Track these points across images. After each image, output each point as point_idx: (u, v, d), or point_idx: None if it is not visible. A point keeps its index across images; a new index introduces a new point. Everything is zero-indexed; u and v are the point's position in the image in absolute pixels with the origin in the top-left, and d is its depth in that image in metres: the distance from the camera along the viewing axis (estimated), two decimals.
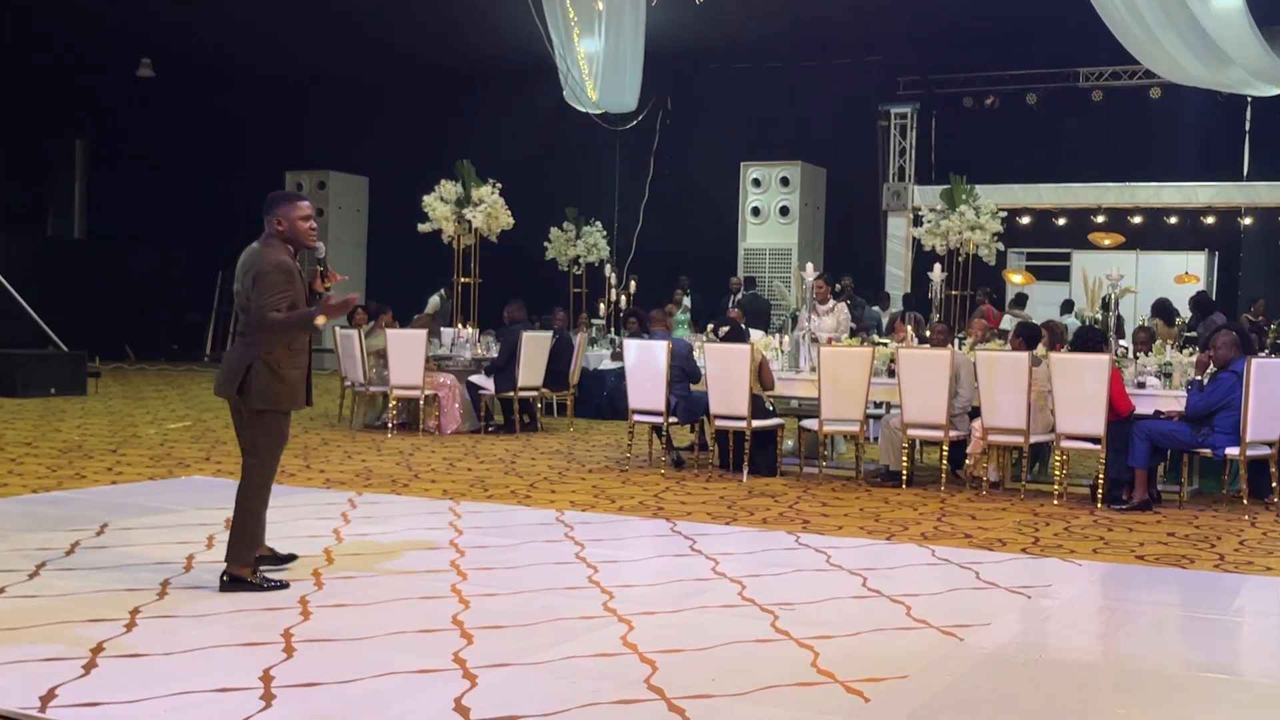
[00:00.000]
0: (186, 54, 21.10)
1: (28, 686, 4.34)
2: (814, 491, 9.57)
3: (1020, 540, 7.76)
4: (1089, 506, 9.14)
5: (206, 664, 4.68)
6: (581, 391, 14.43)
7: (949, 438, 9.71)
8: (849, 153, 20.71)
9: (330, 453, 11.12)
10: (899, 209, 19.63)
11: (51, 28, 19.65)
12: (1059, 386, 9.19)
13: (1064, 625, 5.86)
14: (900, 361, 9.82)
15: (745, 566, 6.70)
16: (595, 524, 7.93)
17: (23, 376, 15.51)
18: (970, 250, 13.15)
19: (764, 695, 4.50)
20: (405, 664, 4.71)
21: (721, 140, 21.09)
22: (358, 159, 23.19)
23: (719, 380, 10.16)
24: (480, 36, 19.36)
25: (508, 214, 14.76)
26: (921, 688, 4.67)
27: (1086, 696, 4.75)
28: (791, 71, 20.88)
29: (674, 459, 10.78)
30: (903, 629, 5.49)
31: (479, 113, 21.97)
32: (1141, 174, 18.51)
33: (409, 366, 12.52)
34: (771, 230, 20.35)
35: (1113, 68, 18.84)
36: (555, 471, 10.32)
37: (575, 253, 19.35)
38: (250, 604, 5.57)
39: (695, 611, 5.71)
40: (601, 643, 5.10)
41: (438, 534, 7.39)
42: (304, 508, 8.14)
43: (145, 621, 5.24)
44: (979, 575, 6.65)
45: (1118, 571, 7.01)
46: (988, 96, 19.98)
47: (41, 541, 6.72)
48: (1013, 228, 17.22)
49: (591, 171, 21.80)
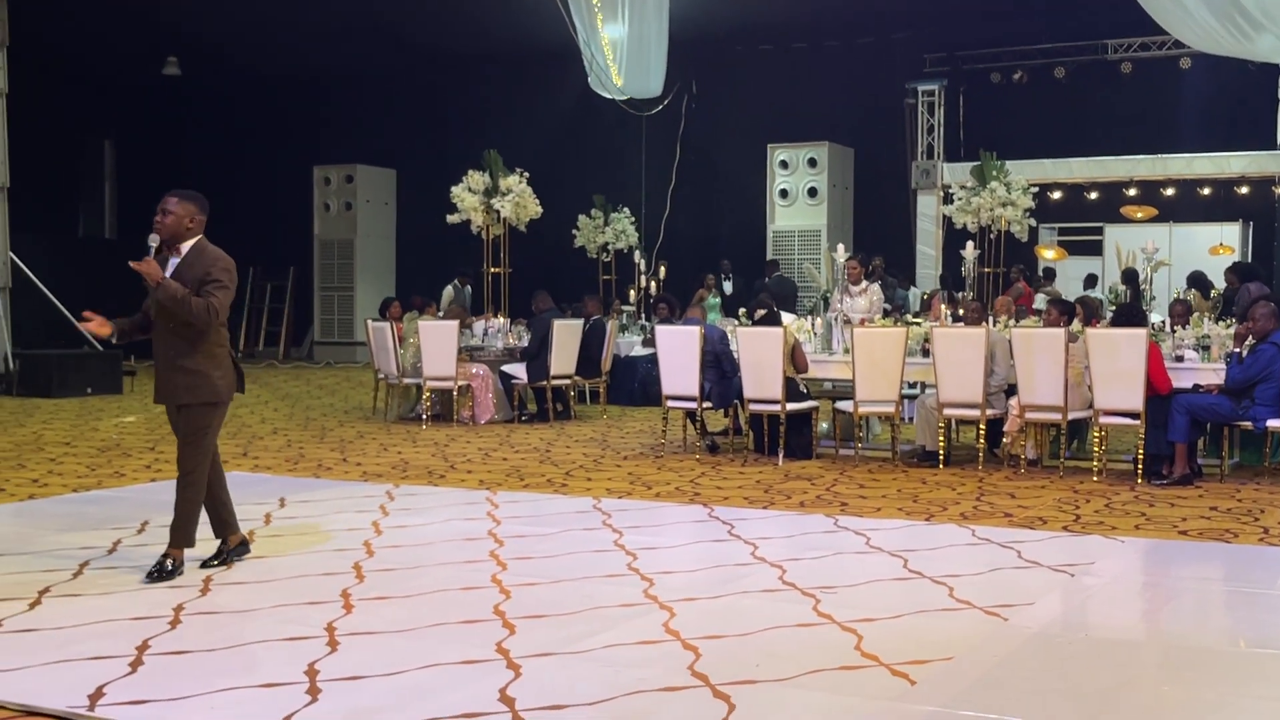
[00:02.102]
0: (212, 52, 21.17)
1: (76, 685, 4.37)
2: (850, 474, 9.54)
3: (1061, 518, 7.71)
4: (1129, 482, 9.07)
5: (251, 659, 4.71)
6: (614, 378, 14.42)
7: (986, 416, 9.65)
8: (876, 132, 20.57)
9: (366, 445, 11.16)
10: (928, 187, 19.50)
11: (78, 30, 19.75)
12: (1096, 362, 9.12)
13: (1108, 603, 5.82)
14: (935, 340, 9.76)
15: (784, 550, 6.68)
16: (632, 511, 7.92)
17: (59, 377, 15.64)
18: (1002, 227, 13.03)
19: (809, 680, 4.48)
20: (449, 655, 4.72)
21: (747, 123, 20.99)
22: (385, 152, 23.24)
23: (752, 364, 10.13)
24: (504, 25, 19.33)
25: (536, 203, 14.74)
26: (967, 669, 4.64)
27: (1132, 674, 4.72)
28: (816, 52, 20.75)
29: (709, 444, 10.76)
30: (946, 610, 5.46)
31: (504, 102, 21.95)
32: (1173, 145, 18.30)
33: (442, 358, 12.55)
34: (800, 212, 20.26)
35: (1141, 39, 18.65)
36: (590, 459, 10.32)
37: (604, 240, 19.31)
38: (293, 598, 5.60)
39: (736, 597, 5.70)
40: (643, 630, 5.10)
41: (476, 524, 7.40)
42: (343, 501, 8.17)
43: (189, 618, 5.27)
44: (1021, 554, 6.60)
45: (1161, 547, 6.96)
46: (1015, 71, 19.80)
47: (83, 540, 6.77)
48: (1044, 203, 17.07)
49: (618, 158, 21.75)
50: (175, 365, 6.02)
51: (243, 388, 6.26)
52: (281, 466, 9.88)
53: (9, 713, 4.16)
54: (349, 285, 23.06)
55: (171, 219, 6.02)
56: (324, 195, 23.29)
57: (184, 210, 6.06)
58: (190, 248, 6.06)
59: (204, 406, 6.05)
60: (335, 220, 23.22)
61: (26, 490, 8.60)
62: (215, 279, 6.00)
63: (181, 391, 6.03)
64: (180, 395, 6.04)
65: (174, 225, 6.03)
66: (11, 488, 8.74)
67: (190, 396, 6.02)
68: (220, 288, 6.00)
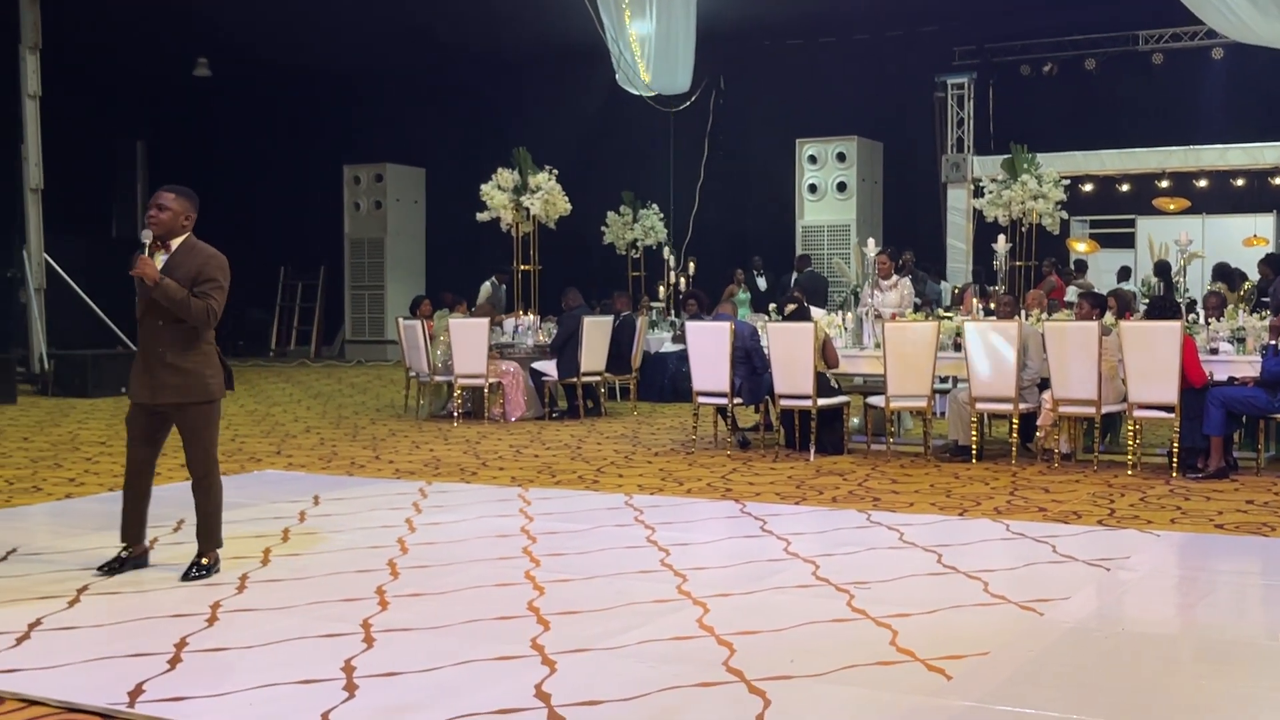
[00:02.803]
0: (241, 53, 21.28)
1: (116, 682, 4.41)
2: (882, 469, 9.51)
3: (1096, 512, 7.67)
4: (1164, 476, 9.01)
5: (288, 656, 4.73)
6: (644, 375, 14.43)
7: (1018, 410, 9.61)
8: (906, 125, 20.49)
9: (398, 443, 11.20)
10: (959, 180, 19.41)
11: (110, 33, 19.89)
12: (1130, 355, 9.06)
13: (1144, 597, 5.79)
14: (967, 334, 9.72)
15: (817, 546, 6.67)
16: (664, 507, 7.93)
17: (94, 377, 15.77)
18: (1033, 220, 12.96)
19: (844, 675, 4.48)
20: (484, 651, 4.74)
21: (776, 118, 20.94)
22: (414, 151, 23.31)
23: (783, 360, 10.12)
24: (532, 23, 19.34)
25: (565, 200, 14.76)
26: (1003, 664, 4.63)
27: (1169, 669, 4.69)
28: (845, 45, 20.68)
29: (740, 440, 10.75)
30: (981, 605, 5.44)
31: (533, 100, 21.98)
32: (1206, 136, 18.15)
33: (473, 355, 12.58)
34: (829, 207, 20.20)
35: (1173, 29, 18.51)
36: (621, 455, 10.33)
37: (633, 236, 19.30)
38: (328, 595, 5.63)
39: (770, 592, 5.70)
40: (677, 626, 5.10)
41: (508, 521, 7.42)
42: (376, 498, 8.21)
43: (226, 615, 5.31)
44: (1055, 549, 6.58)
45: (1197, 541, 6.91)
46: (1045, 63, 19.68)
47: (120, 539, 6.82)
48: (1075, 195, 16.96)
49: (646, 154, 21.74)
50: (166, 364, 5.96)
51: (232, 385, 6.23)
52: (315, 464, 9.93)
53: (50, 709, 4.20)
54: (379, 284, 23.15)
55: (168, 215, 5.97)
56: (354, 194, 23.39)
57: (180, 206, 6.00)
58: (180, 244, 6.00)
59: (200, 406, 6.02)
60: (365, 219, 23.32)
61: (64, 490, 8.68)
62: (211, 278, 5.97)
63: (171, 391, 5.97)
64: (170, 395, 5.97)
65: (170, 221, 5.97)
66: (49, 487, 8.82)
67: (181, 396, 5.97)
68: (217, 288, 5.99)
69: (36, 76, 16.90)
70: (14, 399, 15.06)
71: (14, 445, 11.13)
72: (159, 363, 5.98)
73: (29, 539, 7.02)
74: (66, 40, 18.25)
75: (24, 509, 8.01)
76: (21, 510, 7.97)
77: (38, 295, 17.05)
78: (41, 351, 16.74)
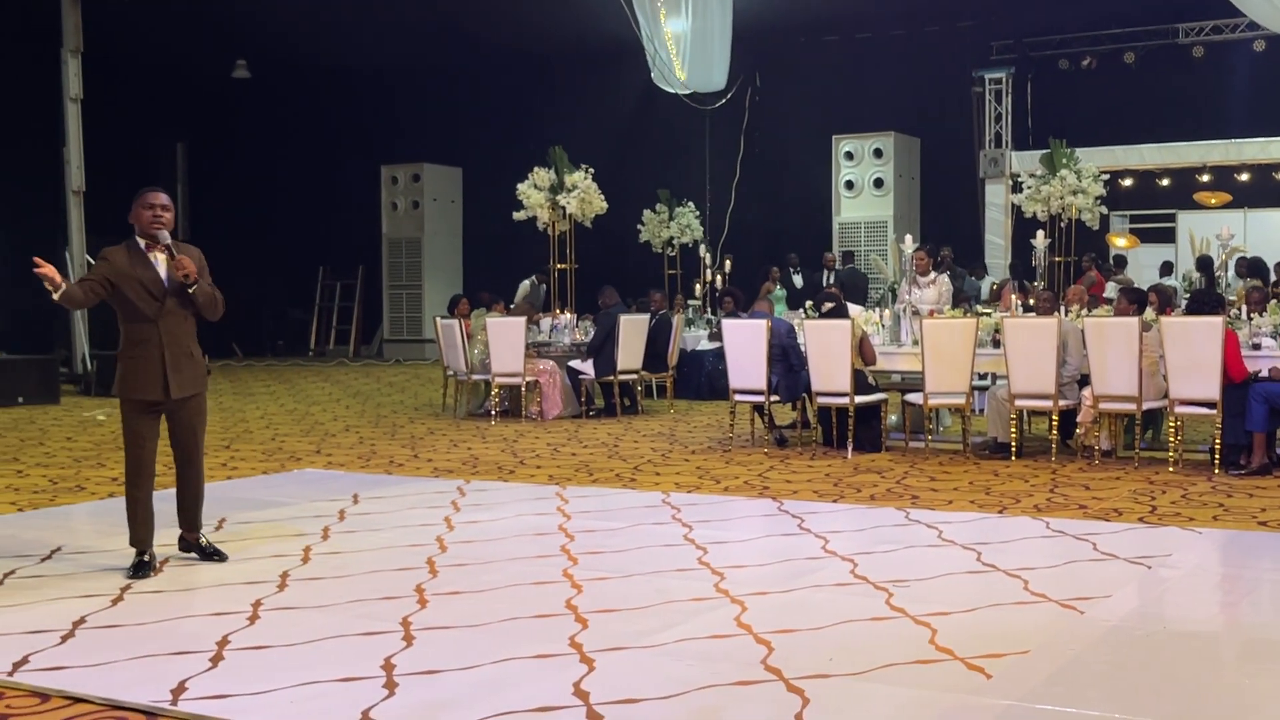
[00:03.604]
0: (280, 55, 21.44)
1: (159, 680, 4.45)
2: (921, 466, 9.47)
3: (1137, 509, 7.61)
4: (1206, 473, 8.93)
5: (329, 654, 4.76)
6: (680, 373, 14.43)
7: (1058, 407, 9.55)
8: (943, 121, 20.39)
9: (436, 442, 11.25)
10: (997, 176, 19.30)
11: (150, 36, 20.07)
12: (1171, 351, 8.98)
13: (1186, 595, 5.73)
14: (1006, 331, 9.66)
15: (855, 544, 6.65)
16: (701, 505, 7.92)
17: None
18: (1073, 215, 12.86)
19: (883, 674, 4.46)
20: (523, 649, 4.75)
21: (812, 114, 20.89)
22: (451, 150, 23.41)
23: (820, 357, 10.09)
24: (567, 22, 19.39)
25: (601, 199, 14.77)
26: (1043, 663, 4.60)
27: (1212, 667, 4.65)
28: (881, 41, 20.60)
29: (777, 438, 10.73)
30: (1021, 603, 5.41)
31: (569, 99, 22.01)
32: (1247, 130, 17.96)
33: (510, 354, 12.62)
34: (866, 203, 20.14)
35: (1214, 21, 18.34)
36: (658, 454, 10.33)
37: (669, 234, 19.32)
38: (368, 593, 5.66)
39: (808, 591, 5.68)
40: (715, 624, 5.10)
41: (546, 519, 7.44)
42: (414, 497, 8.25)
43: (267, 614, 5.35)
44: (1096, 546, 6.53)
45: (1240, 538, 6.85)
46: (1084, 57, 19.54)
47: (161, 538, 6.83)
48: (1115, 190, 16.83)
49: (682, 152, 21.74)
50: (191, 356, 6.21)
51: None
52: (354, 463, 9.99)
53: (94, 707, 4.25)
54: (417, 283, 23.26)
55: (170, 215, 6.17)
56: (391, 194, 23.50)
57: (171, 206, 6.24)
58: (172, 244, 6.14)
59: (204, 391, 6.37)
60: (403, 219, 23.43)
61: (106, 489, 8.77)
62: (207, 270, 6.24)
63: (192, 382, 6.23)
64: (192, 386, 6.23)
65: (171, 221, 6.17)
66: (92, 486, 8.91)
67: (198, 386, 6.30)
68: (210, 282, 6.26)
69: (78, 80, 17.08)
70: (57, 399, 15.24)
71: (57, 445, 11.26)
72: (184, 356, 6.17)
73: (73, 538, 7.11)
74: (108, 44, 18.43)
75: (68, 508, 8.10)
76: (65, 509, 8.06)
77: None
78: (84, 352, 16.94)
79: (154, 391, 6.13)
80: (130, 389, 6.14)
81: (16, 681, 4.47)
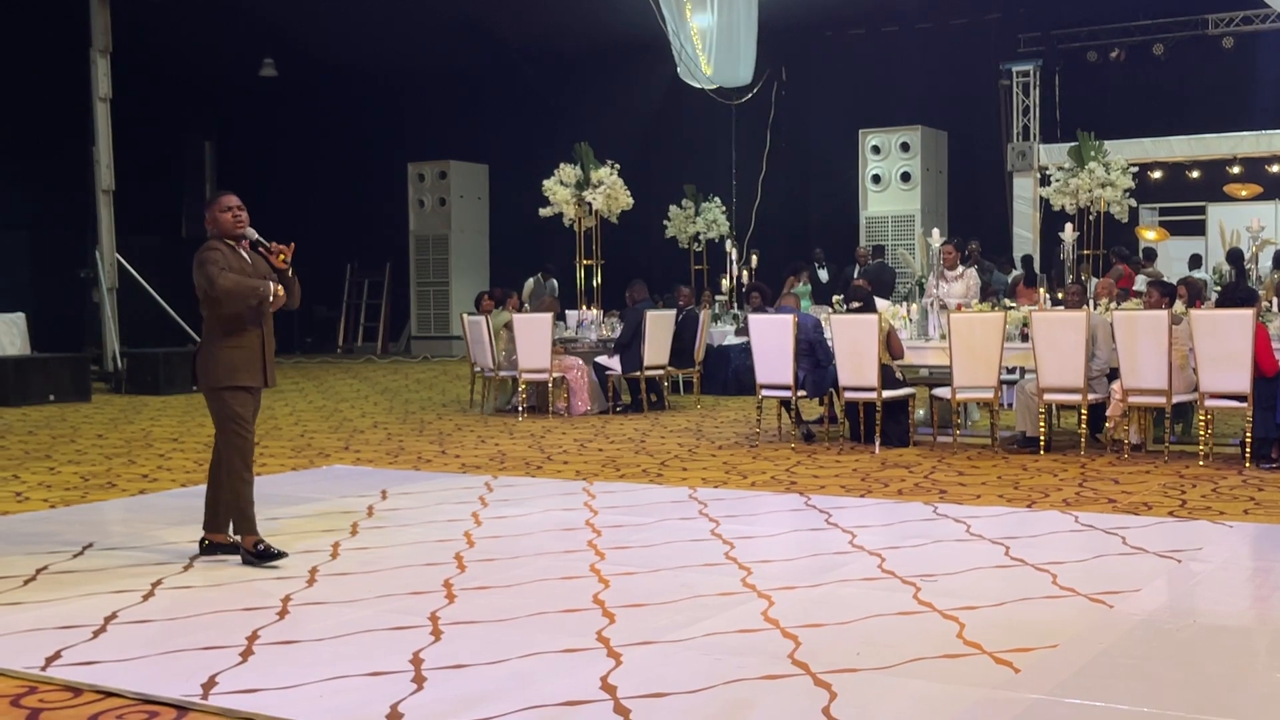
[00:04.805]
0: (306, 53, 21.53)
1: (189, 674, 4.48)
2: (949, 461, 9.44)
3: (1167, 503, 7.57)
4: (1236, 466, 8.87)
5: (357, 648, 4.79)
6: (707, 368, 14.42)
7: (1087, 401, 9.50)
8: (970, 114, 20.31)
9: (464, 438, 11.29)
10: (1024, 169, 19.20)
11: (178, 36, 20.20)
12: (1201, 344, 8.92)
13: (1216, 589, 5.69)
14: (1034, 325, 9.62)
15: (883, 538, 6.64)
16: (728, 500, 7.92)
17: (165, 374, 16.03)
18: (1101, 208, 12.79)
19: (911, 668, 4.45)
20: (550, 644, 4.76)
21: (838, 108, 20.84)
22: (477, 147, 23.45)
23: (847, 352, 10.07)
24: (593, 18, 19.40)
25: (627, 194, 14.77)
26: (1072, 657, 4.58)
27: (1242, 662, 4.62)
28: (907, 35, 20.53)
29: (804, 433, 10.72)
30: (1049, 598, 5.39)
31: (594, 95, 22.02)
32: (1278, 120, 17.80)
33: (537, 350, 12.64)
34: (893, 197, 20.07)
35: (1243, 12, 18.18)
36: (685, 449, 10.34)
37: (695, 230, 19.31)
38: (397, 588, 5.69)
39: (835, 585, 5.68)
40: (742, 619, 5.10)
41: (574, 515, 7.45)
42: (442, 492, 8.28)
43: (296, 608, 5.38)
44: (1125, 540, 6.50)
45: (1270, 532, 6.80)
46: (1113, 49, 19.41)
47: (193, 534, 6.90)
48: (1144, 183, 16.71)
49: (708, 147, 21.72)
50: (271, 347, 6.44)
51: None
52: (382, 459, 10.03)
53: (126, 701, 4.28)
54: (444, 280, 23.32)
55: (246, 214, 6.39)
56: (418, 191, 23.56)
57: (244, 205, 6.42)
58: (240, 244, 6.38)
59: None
60: (430, 216, 23.49)
61: (137, 485, 8.83)
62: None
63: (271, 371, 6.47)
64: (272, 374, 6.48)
65: (248, 219, 6.38)
66: (123, 483, 8.98)
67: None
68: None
69: (107, 80, 17.19)
70: (88, 397, 15.35)
71: (89, 442, 11.34)
72: (270, 347, 6.43)
73: (104, 534, 7.16)
74: (136, 44, 18.55)
75: (99, 504, 8.16)
76: (97, 505, 8.12)
77: (110, 295, 17.34)
78: (114, 350, 17.05)
79: (255, 379, 6.36)
80: (235, 377, 6.29)
81: (49, 676, 4.51)
